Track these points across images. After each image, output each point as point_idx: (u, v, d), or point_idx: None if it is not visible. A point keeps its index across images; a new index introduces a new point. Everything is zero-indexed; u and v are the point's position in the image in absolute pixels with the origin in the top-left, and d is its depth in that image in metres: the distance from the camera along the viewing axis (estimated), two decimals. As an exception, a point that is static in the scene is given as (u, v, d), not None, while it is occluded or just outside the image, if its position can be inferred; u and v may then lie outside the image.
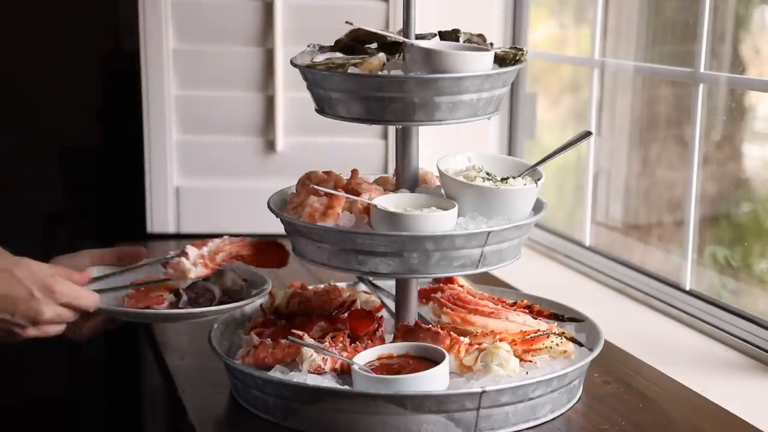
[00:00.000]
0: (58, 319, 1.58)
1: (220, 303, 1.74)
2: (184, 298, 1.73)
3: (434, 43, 1.66)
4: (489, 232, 1.57)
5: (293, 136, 2.71)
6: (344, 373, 1.57)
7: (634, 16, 2.67)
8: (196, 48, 2.67)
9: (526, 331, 1.66)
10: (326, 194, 1.63)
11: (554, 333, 1.66)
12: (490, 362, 1.55)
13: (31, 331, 1.56)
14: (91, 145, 4.01)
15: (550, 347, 1.64)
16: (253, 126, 2.71)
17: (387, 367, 1.56)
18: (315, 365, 1.56)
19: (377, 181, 1.76)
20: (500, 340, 1.60)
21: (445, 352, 1.56)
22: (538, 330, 1.67)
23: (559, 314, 1.81)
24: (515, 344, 1.61)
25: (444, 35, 1.70)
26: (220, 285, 1.76)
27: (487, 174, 1.65)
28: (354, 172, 1.73)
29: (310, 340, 1.59)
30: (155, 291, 1.73)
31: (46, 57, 4.15)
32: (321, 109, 1.67)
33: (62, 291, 1.57)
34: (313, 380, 1.55)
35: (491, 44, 1.68)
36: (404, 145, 1.68)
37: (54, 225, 3.94)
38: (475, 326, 1.66)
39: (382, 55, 1.62)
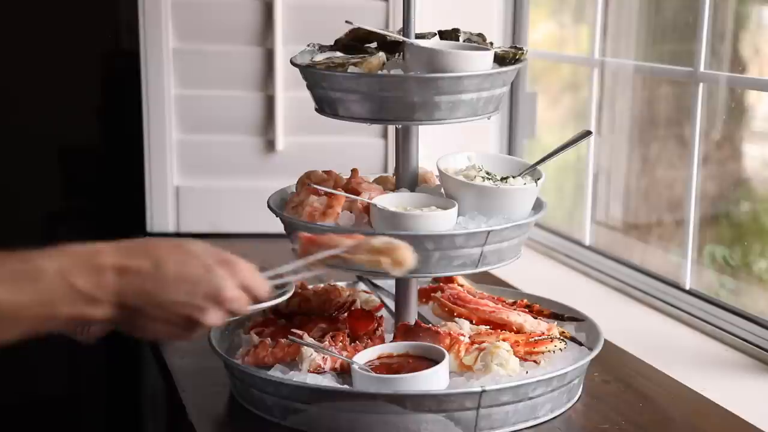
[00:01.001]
0: (235, 304, 1.26)
1: None
2: None
3: (434, 43, 1.66)
4: (489, 232, 1.57)
5: (293, 135, 2.71)
6: (344, 372, 1.57)
7: (633, 16, 2.67)
8: (196, 48, 2.67)
9: (531, 333, 1.66)
10: (326, 194, 1.63)
11: (558, 338, 1.66)
12: (490, 362, 1.55)
13: (212, 316, 1.25)
14: (91, 145, 4.00)
15: (552, 351, 1.64)
16: (253, 126, 2.71)
17: (387, 366, 1.56)
18: (315, 365, 1.56)
19: (377, 181, 1.76)
20: (503, 340, 1.60)
21: (445, 352, 1.56)
22: (543, 333, 1.67)
23: (559, 314, 1.81)
24: (518, 345, 1.61)
25: (444, 35, 1.71)
26: None
27: (487, 173, 1.65)
28: (354, 171, 1.73)
29: (310, 340, 1.59)
30: None
31: (46, 57, 4.15)
32: (321, 109, 1.67)
33: (243, 269, 1.27)
34: (313, 380, 1.54)
35: (491, 43, 1.68)
36: (404, 144, 1.68)
37: (54, 225, 3.94)
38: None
39: (381, 55, 1.62)
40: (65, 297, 1.17)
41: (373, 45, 1.69)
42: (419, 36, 1.66)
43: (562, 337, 1.67)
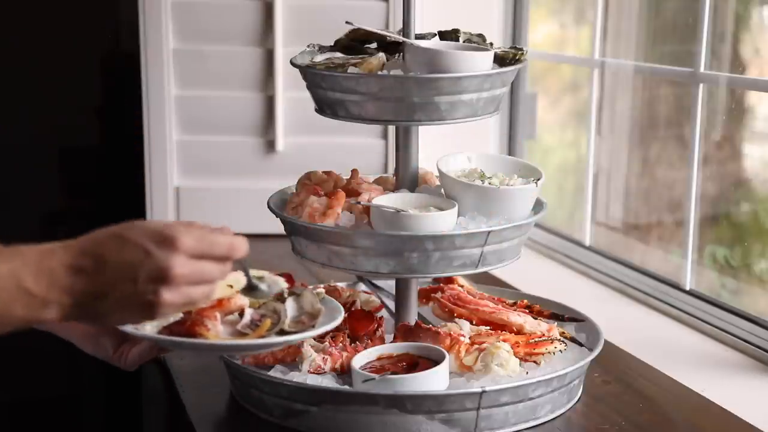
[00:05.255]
0: (197, 276, 1.21)
1: (284, 331, 1.43)
2: (246, 320, 1.45)
3: (434, 43, 1.66)
4: (489, 232, 1.57)
5: (293, 136, 2.71)
6: (344, 373, 1.57)
7: (634, 16, 2.67)
8: (196, 48, 2.67)
9: (531, 334, 1.66)
10: (326, 194, 1.63)
11: (558, 339, 1.66)
12: (490, 362, 1.55)
13: (169, 295, 1.20)
14: (90, 145, 4.00)
15: (552, 352, 1.64)
16: (253, 126, 2.71)
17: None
18: (315, 365, 1.56)
19: (377, 181, 1.76)
20: (503, 341, 1.60)
21: (445, 352, 1.56)
22: (543, 334, 1.67)
23: (559, 314, 1.81)
24: (518, 346, 1.61)
25: (444, 35, 1.71)
26: (298, 306, 1.47)
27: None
28: (354, 172, 1.73)
29: (311, 341, 1.59)
30: (206, 314, 1.42)
31: (45, 57, 4.15)
32: (321, 109, 1.67)
33: (186, 242, 1.21)
34: (313, 380, 1.54)
35: (491, 44, 1.68)
36: (404, 145, 1.68)
37: (54, 225, 3.94)
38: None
39: (381, 55, 1.62)
40: (18, 299, 1.15)
41: (373, 45, 1.69)
42: (419, 36, 1.66)
43: (562, 338, 1.67)
